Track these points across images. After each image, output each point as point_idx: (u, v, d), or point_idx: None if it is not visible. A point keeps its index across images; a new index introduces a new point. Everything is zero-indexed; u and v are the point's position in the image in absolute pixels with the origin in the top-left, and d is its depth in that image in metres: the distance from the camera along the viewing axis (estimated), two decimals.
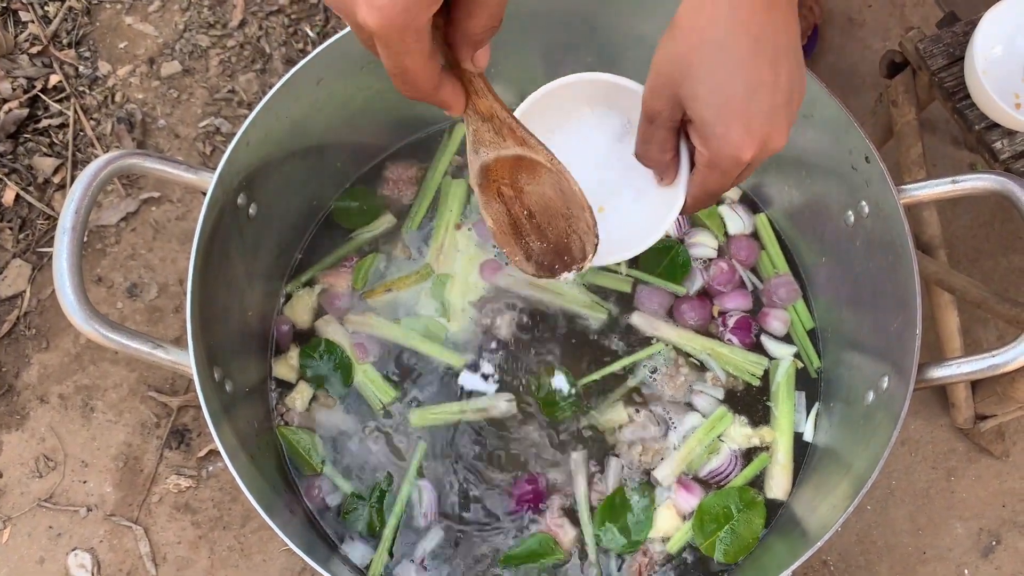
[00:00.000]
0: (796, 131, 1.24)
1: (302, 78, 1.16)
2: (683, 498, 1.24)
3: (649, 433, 1.26)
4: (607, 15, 1.25)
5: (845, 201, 1.20)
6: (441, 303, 1.33)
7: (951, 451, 1.70)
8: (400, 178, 1.41)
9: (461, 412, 1.27)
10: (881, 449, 1.03)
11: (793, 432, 1.28)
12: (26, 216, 1.79)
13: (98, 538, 1.62)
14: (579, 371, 1.30)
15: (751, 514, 1.23)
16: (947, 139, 1.91)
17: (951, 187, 1.09)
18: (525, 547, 1.21)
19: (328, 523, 1.24)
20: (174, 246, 1.78)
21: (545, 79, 1.41)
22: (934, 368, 1.06)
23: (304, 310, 1.33)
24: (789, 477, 1.26)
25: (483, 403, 1.28)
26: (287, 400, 1.29)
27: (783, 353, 1.31)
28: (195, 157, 1.83)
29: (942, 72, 1.36)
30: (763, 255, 1.37)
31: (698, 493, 1.24)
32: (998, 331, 1.77)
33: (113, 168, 1.05)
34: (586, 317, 1.32)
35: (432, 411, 1.28)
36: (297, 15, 1.93)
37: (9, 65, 1.85)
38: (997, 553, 1.65)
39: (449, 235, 1.37)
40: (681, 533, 1.23)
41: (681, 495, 1.24)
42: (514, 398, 1.28)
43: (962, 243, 1.83)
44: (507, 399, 1.28)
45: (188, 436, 1.67)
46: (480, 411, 1.27)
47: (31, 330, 1.73)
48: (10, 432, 1.67)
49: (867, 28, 2.00)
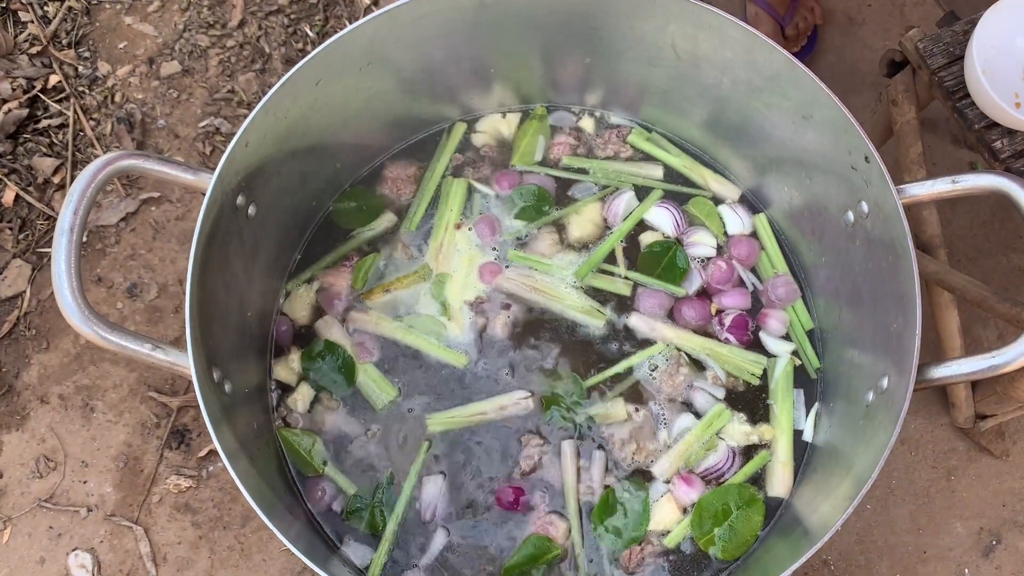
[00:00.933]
0: (796, 131, 1.24)
1: (301, 79, 1.16)
2: (683, 491, 1.24)
3: (645, 432, 1.27)
4: (606, 16, 1.25)
5: (845, 201, 1.20)
6: (441, 303, 1.33)
7: (951, 450, 1.70)
8: (399, 177, 1.41)
9: (481, 414, 1.27)
10: (881, 449, 1.03)
11: (793, 429, 1.28)
12: (26, 216, 1.79)
13: (98, 538, 1.62)
14: (580, 370, 1.30)
15: (750, 511, 1.23)
16: (947, 138, 1.90)
17: (951, 187, 1.09)
18: (522, 554, 1.21)
19: (329, 524, 1.24)
20: (174, 246, 1.78)
21: (545, 79, 1.42)
22: (934, 368, 1.06)
23: (302, 306, 1.33)
24: (791, 474, 1.26)
25: (502, 401, 1.28)
26: (288, 402, 1.29)
27: (781, 350, 1.32)
28: (195, 157, 1.83)
29: (942, 71, 1.36)
30: (762, 255, 1.37)
31: (698, 487, 1.24)
32: (998, 330, 1.77)
33: (112, 169, 1.04)
34: (586, 324, 1.32)
35: (450, 415, 1.28)
36: (296, 15, 1.93)
37: (9, 65, 1.85)
38: (997, 552, 1.65)
39: (449, 234, 1.37)
40: (680, 528, 1.23)
41: (681, 488, 1.24)
42: (530, 395, 1.28)
43: (962, 242, 1.82)
44: (523, 396, 1.28)
45: (188, 436, 1.67)
46: (500, 409, 1.27)
47: (31, 330, 1.73)
48: (10, 432, 1.67)
49: (867, 27, 2.00)
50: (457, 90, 1.39)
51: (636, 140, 1.43)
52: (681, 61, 1.28)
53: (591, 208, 1.38)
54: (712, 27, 1.18)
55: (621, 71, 1.36)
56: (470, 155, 1.43)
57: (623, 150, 1.43)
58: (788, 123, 1.24)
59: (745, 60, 1.20)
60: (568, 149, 1.43)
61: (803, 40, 1.92)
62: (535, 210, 1.38)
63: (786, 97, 1.21)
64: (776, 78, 1.19)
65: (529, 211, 1.38)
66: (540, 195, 1.38)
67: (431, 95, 1.38)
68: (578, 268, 1.34)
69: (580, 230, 1.37)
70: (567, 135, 1.44)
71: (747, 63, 1.21)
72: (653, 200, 1.38)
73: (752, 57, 1.19)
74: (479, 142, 1.44)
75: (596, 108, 1.46)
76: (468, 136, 1.44)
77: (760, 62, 1.19)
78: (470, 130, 1.44)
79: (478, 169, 1.42)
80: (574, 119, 1.46)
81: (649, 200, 1.38)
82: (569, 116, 1.46)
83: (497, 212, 1.39)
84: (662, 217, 1.37)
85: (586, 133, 1.45)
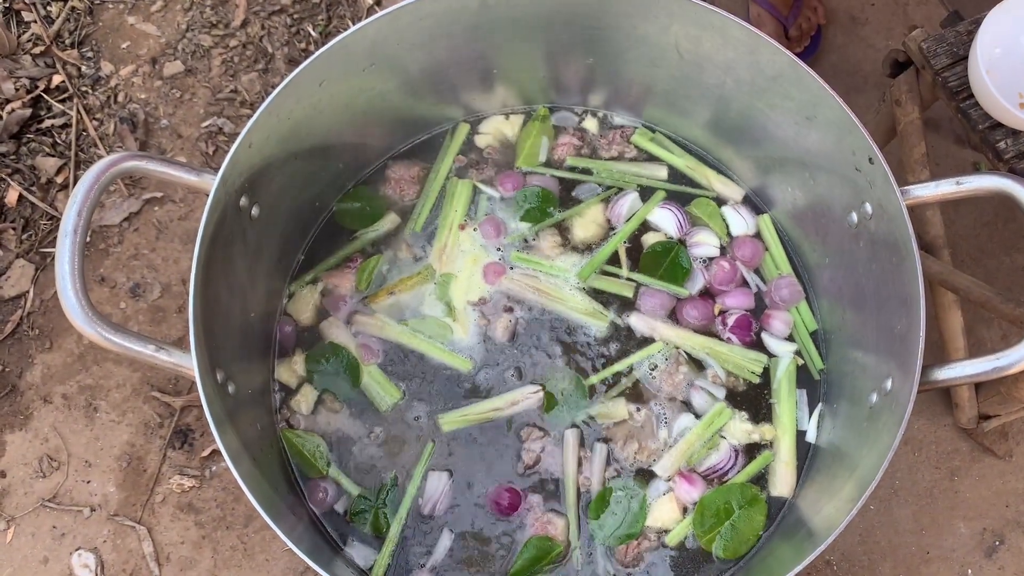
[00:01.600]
0: (799, 132, 1.24)
1: (304, 80, 1.16)
2: (684, 490, 1.24)
3: (646, 432, 1.27)
4: (610, 16, 1.24)
5: (848, 202, 1.20)
6: (446, 304, 1.33)
7: (954, 451, 1.70)
8: (403, 178, 1.41)
9: (495, 410, 1.28)
10: (886, 451, 1.02)
11: (795, 429, 1.28)
12: (29, 216, 1.79)
13: (102, 538, 1.62)
14: (582, 370, 1.30)
15: (752, 511, 1.23)
16: (950, 138, 1.90)
17: (955, 188, 1.09)
18: (525, 558, 1.21)
19: (332, 525, 1.24)
20: (176, 246, 1.78)
21: (548, 80, 1.41)
22: (938, 370, 1.06)
23: (306, 307, 1.33)
24: (793, 474, 1.26)
25: (514, 396, 1.28)
26: (292, 403, 1.29)
27: (783, 350, 1.31)
28: (197, 157, 1.83)
29: (946, 71, 1.35)
30: (766, 256, 1.37)
31: (700, 486, 1.24)
32: (1002, 330, 1.76)
33: (115, 171, 1.04)
34: (588, 325, 1.32)
35: (462, 413, 1.28)
36: (299, 15, 1.93)
37: (12, 65, 1.85)
38: (1000, 553, 1.65)
39: (453, 235, 1.36)
40: (681, 527, 1.23)
41: (683, 487, 1.24)
42: (541, 388, 1.28)
43: (965, 242, 1.82)
44: (534, 390, 1.28)
45: (191, 436, 1.67)
46: (512, 405, 1.27)
47: (34, 330, 1.73)
48: (14, 432, 1.67)
49: (870, 26, 1.99)
50: (460, 91, 1.39)
51: (640, 140, 1.43)
52: (684, 62, 1.28)
53: (594, 209, 1.38)
54: (715, 28, 1.18)
55: (624, 72, 1.36)
56: (474, 156, 1.43)
57: (627, 150, 1.43)
58: (791, 124, 1.24)
59: (748, 61, 1.20)
60: (572, 149, 1.43)
61: (806, 40, 1.91)
62: (540, 211, 1.38)
63: (789, 98, 1.20)
64: (779, 78, 1.19)
65: (534, 213, 1.38)
66: (544, 196, 1.38)
67: (434, 96, 1.38)
68: (580, 269, 1.34)
69: (583, 231, 1.37)
70: (571, 135, 1.44)
71: (750, 64, 1.21)
72: (656, 201, 1.38)
73: (755, 58, 1.19)
74: (482, 143, 1.43)
75: (599, 109, 1.46)
76: (471, 137, 1.44)
77: (763, 63, 1.19)
78: (473, 132, 1.44)
79: (482, 171, 1.42)
80: (577, 119, 1.46)
81: (652, 201, 1.38)
82: (572, 116, 1.46)
83: (502, 214, 1.39)
84: (665, 218, 1.37)
85: (590, 133, 1.45)
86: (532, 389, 1.28)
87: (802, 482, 1.26)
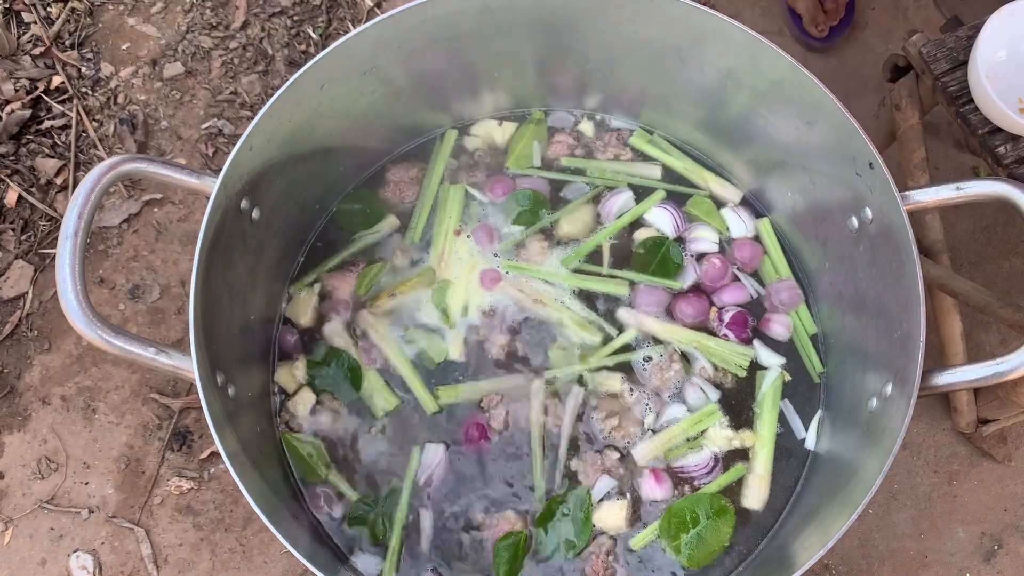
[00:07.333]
0: (799, 137, 1.24)
1: (305, 83, 1.16)
2: (650, 487, 1.24)
3: (632, 415, 1.27)
4: (611, 20, 1.24)
5: (848, 207, 1.20)
6: (442, 310, 1.33)
7: (953, 455, 1.70)
8: (402, 180, 1.41)
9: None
10: (885, 456, 1.02)
11: (774, 443, 1.28)
12: (28, 217, 1.79)
13: (100, 540, 1.62)
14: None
15: (720, 522, 1.22)
16: (950, 142, 1.90)
17: (955, 194, 1.09)
18: (502, 561, 1.21)
19: (334, 531, 1.24)
20: (176, 247, 1.78)
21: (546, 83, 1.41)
22: (938, 375, 1.06)
23: (305, 310, 1.33)
24: (767, 488, 1.26)
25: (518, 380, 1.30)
26: (289, 405, 1.29)
27: (772, 362, 1.31)
28: (197, 159, 1.83)
29: (945, 76, 1.35)
30: (765, 259, 1.37)
31: (667, 487, 1.24)
32: (1000, 335, 1.77)
33: (116, 173, 1.04)
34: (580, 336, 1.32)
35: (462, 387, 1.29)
36: (300, 17, 1.93)
37: (12, 66, 1.85)
38: (999, 557, 1.65)
39: (449, 242, 1.36)
40: (647, 532, 1.23)
41: (649, 483, 1.24)
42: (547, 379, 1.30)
43: (964, 247, 1.82)
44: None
45: (190, 438, 1.67)
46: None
47: (33, 332, 1.73)
48: (12, 433, 1.67)
49: (869, 31, 2.00)
50: (459, 94, 1.39)
51: (637, 143, 1.43)
52: (685, 66, 1.28)
53: (584, 208, 1.38)
54: (716, 32, 1.18)
55: (623, 75, 1.36)
56: (465, 159, 1.43)
57: (623, 153, 1.43)
58: (791, 128, 1.24)
59: (749, 65, 1.20)
60: (566, 149, 1.43)
61: (841, 12, 1.94)
62: (531, 214, 1.38)
63: (790, 102, 1.21)
64: (780, 83, 1.19)
65: (526, 215, 1.38)
66: (535, 199, 1.38)
67: (433, 99, 1.38)
68: (565, 257, 1.34)
69: (570, 226, 1.37)
70: (566, 135, 1.44)
71: (751, 68, 1.21)
72: (654, 201, 1.38)
73: (756, 62, 1.19)
74: (472, 146, 1.43)
75: (596, 112, 1.46)
76: (461, 141, 1.44)
77: (764, 67, 1.19)
78: (465, 134, 1.44)
79: (472, 174, 1.42)
80: (573, 121, 1.46)
81: (650, 200, 1.38)
82: (568, 117, 1.46)
83: (495, 218, 1.39)
84: (661, 218, 1.37)
85: (585, 136, 1.45)
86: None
87: (801, 488, 1.26)
